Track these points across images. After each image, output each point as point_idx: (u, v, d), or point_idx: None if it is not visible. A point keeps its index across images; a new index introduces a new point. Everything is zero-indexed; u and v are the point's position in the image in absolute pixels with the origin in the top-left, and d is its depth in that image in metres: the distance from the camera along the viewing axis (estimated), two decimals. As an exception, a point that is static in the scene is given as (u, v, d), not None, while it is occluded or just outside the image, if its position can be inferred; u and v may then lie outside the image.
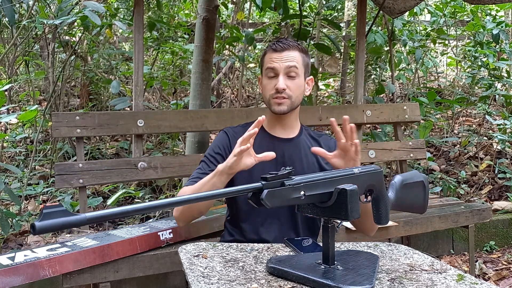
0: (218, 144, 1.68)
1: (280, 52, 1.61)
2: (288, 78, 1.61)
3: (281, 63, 1.60)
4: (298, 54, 1.63)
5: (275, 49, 1.62)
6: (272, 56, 1.62)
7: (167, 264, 1.81)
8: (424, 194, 1.35)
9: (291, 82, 1.61)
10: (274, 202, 1.03)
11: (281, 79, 1.59)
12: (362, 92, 2.98)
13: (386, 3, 3.09)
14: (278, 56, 1.61)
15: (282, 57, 1.60)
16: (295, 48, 1.63)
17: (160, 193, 3.40)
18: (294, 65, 1.60)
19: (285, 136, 1.69)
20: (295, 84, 1.61)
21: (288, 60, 1.60)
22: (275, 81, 1.60)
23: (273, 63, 1.60)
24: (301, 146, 1.70)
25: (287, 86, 1.59)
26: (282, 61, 1.60)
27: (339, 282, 1.04)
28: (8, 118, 2.25)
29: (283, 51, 1.61)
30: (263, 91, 1.67)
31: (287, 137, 1.69)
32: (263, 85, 1.66)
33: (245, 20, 5.17)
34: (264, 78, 1.65)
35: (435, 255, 3.09)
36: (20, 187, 3.17)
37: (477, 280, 1.11)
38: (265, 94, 1.64)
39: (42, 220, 0.76)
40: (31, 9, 3.46)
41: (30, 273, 1.48)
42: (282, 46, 1.62)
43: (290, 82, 1.61)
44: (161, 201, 0.90)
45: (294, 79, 1.61)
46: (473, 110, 5.01)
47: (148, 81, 3.65)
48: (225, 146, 1.66)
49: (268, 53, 1.64)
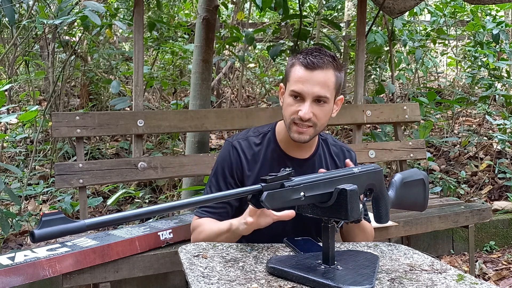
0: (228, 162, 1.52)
1: (311, 71, 1.37)
2: (316, 104, 1.40)
3: (311, 87, 1.37)
4: (332, 75, 1.40)
5: (306, 66, 1.38)
6: (302, 75, 1.38)
7: (167, 264, 1.81)
8: (424, 192, 1.36)
9: (319, 109, 1.40)
10: (274, 203, 1.03)
11: (307, 107, 1.38)
12: (362, 92, 2.98)
13: (386, 3, 3.09)
14: (308, 77, 1.37)
15: (312, 79, 1.37)
16: (329, 67, 1.39)
17: (160, 193, 3.40)
18: (324, 94, 1.39)
19: (300, 156, 1.54)
20: (322, 112, 1.41)
21: (319, 84, 1.37)
22: (300, 105, 1.40)
23: (301, 85, 1.38)
24: (316, 166, 1.56)
25: (313, 113, 1.39)
26: (312, 85, 1.37)
27: (339, 282, 1.04)
28: (8, 118, 2.25)
29: (314, 69, 1.37)
30: (284, 109, 1.46)
31: (302, 157, 1.54)
32: (285, 102, 1.45)
33: (245, 20, 5.17)
34: (288, 97, 1.43)
35: (435, 255, 3.09)
36: (20, 187, 3.17)
37: (477, 280, 1.11)
38: (286, 114, 1.44)
39: (41, 228, 0.77)
40: (31, 9, 3.46)
41: (30, 273, 1.48)
42: (314, 64, 1.37)
43: (318, 109, 1.40)
44: (159, 206, 0.90)
45: (322, 106, 1.41)
46: (473, 110, 5.01)
47: (148, 81, 3.65)
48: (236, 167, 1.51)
49: (297, 67, 1.40)
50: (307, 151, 1.55)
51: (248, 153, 1.52)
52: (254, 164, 1.52)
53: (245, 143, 1.54)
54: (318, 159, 1.57)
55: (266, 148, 1.53)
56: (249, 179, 1.51)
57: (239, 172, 1.51)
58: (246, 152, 1.52)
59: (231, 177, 1.51)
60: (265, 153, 1.53)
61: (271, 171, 1.38)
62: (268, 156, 1.53)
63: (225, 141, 1.58)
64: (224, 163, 1.53)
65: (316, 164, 1.56)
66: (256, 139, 1.55)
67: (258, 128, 1.61)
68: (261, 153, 1.53)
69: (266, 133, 1.57)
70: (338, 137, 4.53)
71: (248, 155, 1.52)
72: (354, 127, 2.92)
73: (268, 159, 1.52)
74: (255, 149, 1.53)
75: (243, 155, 1.51)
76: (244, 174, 1.51)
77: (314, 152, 1.56)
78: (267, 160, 1.52)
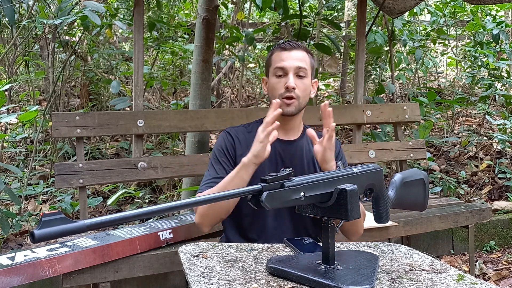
0: (222, 145, 1.67)
1: (289, 51, 1.61)
2: (297, 78, 1.60)
3: (292, 62, 1.60)
4: (306, 55, 1.64)
5: (284, 48, 1.62)
6: (282, 55, 1.62)
7: (167, 264, 1.81)
8: (424, 192, 1.36)
9: (300, 82, 1.61)
10: (274, 204, 1.03)
11: (291, 77, 1.59)
12: (362, 92, 2.98)
13: (386, 3, 3.09)
14: (288, 55, 1.61)
15: (291, 56, 1.60)
16: (303, 49, 1.64)
17: (160, 193, 3.40)
18: (303, 66, 1.60)
19: (286, 138, 1.68)
20: (303, 84, 1.61)
21: (297, 59, 1.60)
22: (284, 80, 1.60)
23: (282, 61, 1.60)
24: (303, 149, 1.69)
25: (296, 85, 1.59)
26: (292, 59, 1.60)
27: (339, 282, 1.04)
28: (8, 118, 2.25)
29: (292, 50, 1.61)
30: (271, 91, 1.65)
31: (289, 139, 1.68)
32: (271, 84, 1.65)
33: (245, 20, 5.17)
34: (272, 77, 1.63)
35: (435, 255, 3.09)
36: (20, 187, 3.17)
37: (477, 280, 1.11)
38: (274, 94, 1.63)
39: (41, 228, 0.77)
40: (31, 9, 3.46)
41: (30, 273, 1.48)
42: (291, 45, 1.62)
43: (299, 82, 1.60)
44: (159, 206, 0.90)
45: (303, 79, 1.61)
46: (473, 110, 5.01)
47: (148, 81, 3.65)
48: (230, 146, 1.66)
49: (276, 52, 1.64)
50: (294, 134, 1.70)
51: (240, 137, 1.68)
52: (246, 147, 1.63)
53: (238, 130, 1.72)
54: (306, 142, 1.70)
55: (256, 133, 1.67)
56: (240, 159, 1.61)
57: (233, 152, 1.66)
58: (239, 136, 1.69)
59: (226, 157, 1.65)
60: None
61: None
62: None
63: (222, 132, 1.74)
64: (219, 146, 1.68)
65: (304, 146, 1.70)
66: (247, 129, 1.72)
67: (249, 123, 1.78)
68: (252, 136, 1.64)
69: (256, 123, 1.71)
70: (338, 137, 4.53)
71: (240, 139, 1.68)
72: (354, 127, 2.92)
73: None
74: (246, 135, 1.69)
75: (236, 138, 1.68)
76: (236, 155, 1.65)
77: (300, 136, 1.71)
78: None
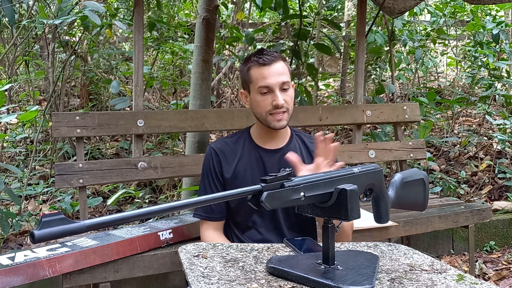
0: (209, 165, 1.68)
1: (268, 65, 1.57)
2: (282, 91, 1.59)
3: (275, 79, 1.57)
4: (284, 65, 1.61)
5: (264, 63, 1.57)
6: (263, 71, 1.57)
7: (167, 264, 1.81)
8: (424, 192, 1.35)
9: (286, 95, 1.59)
10: (274, 204, 1.03)
11: (279, 95, 1.57)
12: (362, 92, 2.98)
13: (386, 3, 3.09)
14: (269, 72, 1.57)
15: (273, 72, 1.57)
16: (279, 59, 1.60)
17: (160, 193, 3.40)
18: (286, 80, 1.58)
19: (274, 147, 1.69)
20: (289, 96, 1.61)
21: (279, 74, 1.57)
22: (271, 97, 1.58)
23: (266, 79, 1.57)
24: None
25: (284, 100, 1.58)
26: (275, 75, 1.57)
27: (339, 282, 1.04)
28: (8, 118, 2.25)
29: (271, 64, 1.57)
30: (256, 108, 1.63)
31: (277, 147, 1.69)
32: (255, 101, 1.62)
33: (245, 20, 5.17)
34: (256, 95, 1.60)
35: (435, 255, 3.09)
36: (20, 187, 3.17)
37: (477, 280, 1.11)
38: (260, 111, 1.61)
39: (41, 228, 0.77)
40: (31, 9, 3.46)
41: (30, 273, 1.48)
42: (269, 59, 1.57)
43: (285, 96, 1.59)
44: (159, 206, 0.90)
45: (287, 91, 1.60)
46: (473, 110, 5.01)
47: (148, 81, 3.65)
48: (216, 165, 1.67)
49: (255, 68, 1.59)
50: (280, 142, 1.70)
51: (226, 151, 1.69)
52: (232, 159, 1.67)
53: (223, 144, 1.71)
54: (293, 149, 1.69)
55: (243, 145, 1.70)
56: (227, 172, 1.67)
57: (219, 169, 1.67)
58: (224, 150, 1.69)
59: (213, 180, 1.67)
60: (242, 149, 1.69)
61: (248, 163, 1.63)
62: (244, 150, 1.69)
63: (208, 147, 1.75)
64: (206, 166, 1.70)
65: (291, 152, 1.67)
66: (233, 140, 1.73)
67: (233, 133, 1.81)
68: (238, 149, 1.70)
69: (241, 134, 1.74)
70: (338, 137, 4.54)
71: (226, 152, 1.69)
72: (354, 127, 2.92)
73: (245, 153, 1.68)
74: (232, 147, 1.70)
75: (221, 153, 1.68)
76: (223, 171, 1.67)
77: (287, 143, 1.71)
78: (244, 154, 1.68)
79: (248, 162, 1.67)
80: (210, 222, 1.68)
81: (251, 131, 1.73)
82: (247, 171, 1.66)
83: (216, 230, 1.69)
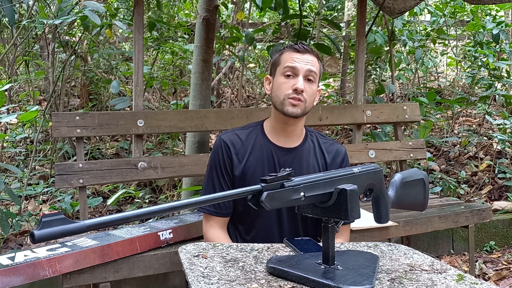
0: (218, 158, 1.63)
1: (302, 53, 1.57)
2: (306, 81, 1.56)
3: (304, 64, 1.55)
4: (317, 61, 1.60)
5: (297, 50, 1.57)
6: (294, 55, 1.57)
7: (167, 264, 1.81)
8: (424, 192, 1.36)
9: (308, 86, 1.56)
10: (274, 204, 1.03)
11: (301, 79, 1.54)
12: (362, 92, 2.98)
13: (386, 3, 3.09)
14: (300, 57, 1.56)
15: (303, 58, 1.56)
16: (315, 55, 1.60)
17: (160, 193, 3.40)
18: (314, 70, 1.57)
19: (287, 145, 1.64)
20: (311, 89, 1.57)
21: (309, 63, 1.56)
22: (293, 81, 1.55)
23: (294, 62, 1.55)
24: (304, 156, 1.64)
25: (304, 88, 1.54)
26: (304, 62, 1.56)
27: (339, 282, 1.04)
28: (8, 118, 2.25)
29: (304, 53, 1.57)
30: (276, 91, 1.59)
31: (290, 146, 1.64)
32: (277, 83, 1.59)
33: (245, 20, 5.17)
34: (280, 77, 1.58)
35: (435, 255, 3.09)
36: (20, 187, 3.17)
37: (477, 280, 1.11)
38: (279, 94, 1.57)
39: (41, 228, 0.77)
40: (31, 9, 3.46)
41: (30, 273, 1.48)
42: (304, 48, 1.58)
43: (308, 86, 1.56)
44: (159, 206, 0.90)
45: (311, 84, 1.57)
46: (473, 110, 5.01)
47: (148, 81, 3.65)
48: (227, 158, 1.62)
49: (288, 52, 1.59)
50: (294, 141, 1.64)
51: (237, 144, 1.63)
52: (243, 154, 1.62)
53: (234, 136, 1.65)
54: (307, 150, 1.65)
55: (255, 139, 1.64)
56: (237, 169, 1.61)
57: (229, 163, 1.62)
58: (235, 143, 1.63)
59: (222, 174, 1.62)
60: (254, 144, 1.63)
61: (258, 160, 1.57)
62: (256, 146, 1.63)
63: (217, 138, 1.69)
64: (215, 159, 1.63)
65: (304, 154, 1.65)
66: (245, 133, 1.66)
67: (245, 125, 1.72)
68: (249, 144, 1.63)
69: (254, 127, 1.68)
70: (338, 137, 4.54)
71: (237, 146, 1.63)
72: (354, 127, 2.92)
73: (257, 149, 1.62)
74: (243, 141, 1.64)
75: (232, 146, 1.62)
76: (233, 165, 1.61)
77: (302, 143, 1.65)
78: (255, 150, 1.62)
79: (259, 160, 1.61)
80: (216, 217, 1.63)
81: (264, 125, 1.68)
82: (257, 170, 1.60)
83: (220, 228, 1.65)
